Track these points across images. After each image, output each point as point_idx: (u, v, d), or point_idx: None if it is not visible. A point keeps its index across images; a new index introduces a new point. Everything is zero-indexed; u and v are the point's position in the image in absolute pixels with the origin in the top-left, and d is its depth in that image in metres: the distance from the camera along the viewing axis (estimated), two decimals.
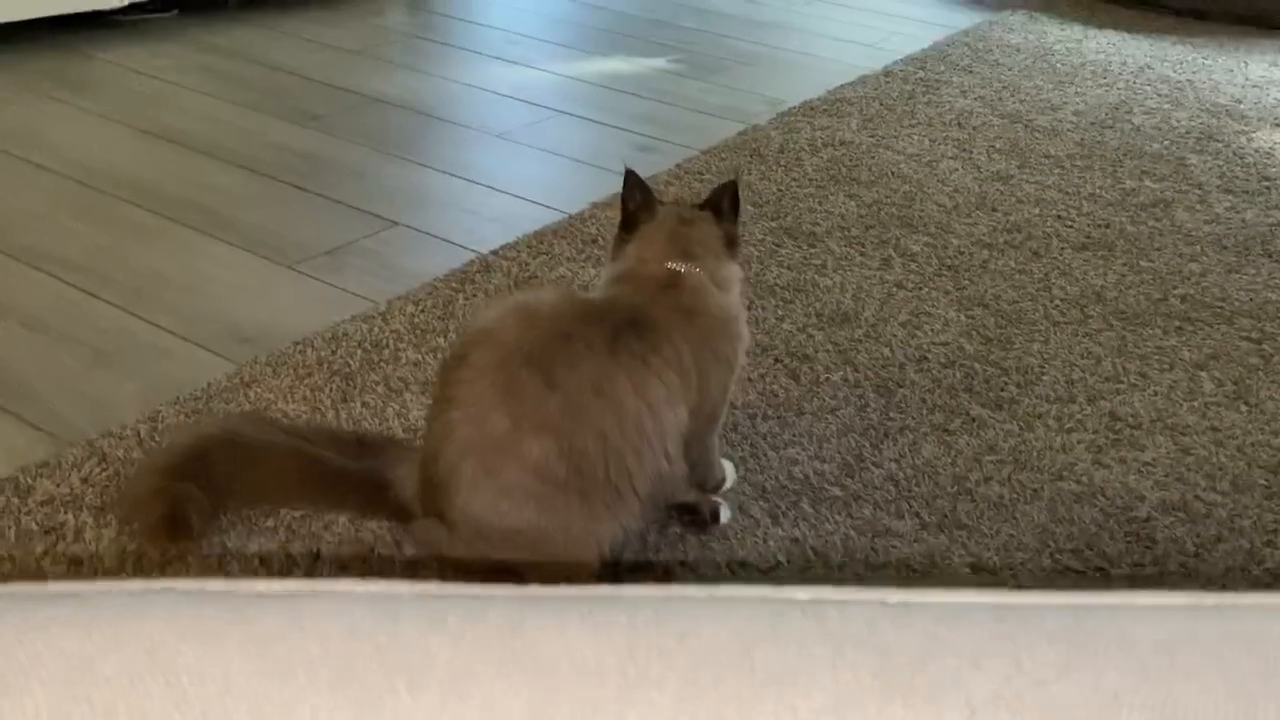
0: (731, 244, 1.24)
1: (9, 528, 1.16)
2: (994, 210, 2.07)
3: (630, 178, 1.22)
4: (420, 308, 1.60)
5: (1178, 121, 2.59)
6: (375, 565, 1.15)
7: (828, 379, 1.53)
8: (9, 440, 1.31)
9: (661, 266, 1.16)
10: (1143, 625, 0.47)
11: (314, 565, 1.14)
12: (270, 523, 1.18)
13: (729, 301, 1.19)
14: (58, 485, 1.21)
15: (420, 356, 1.49)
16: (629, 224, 1.22)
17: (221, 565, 1.13)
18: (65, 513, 1.18)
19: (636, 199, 1.22)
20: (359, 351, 1.49)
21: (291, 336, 1.53)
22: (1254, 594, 0.50)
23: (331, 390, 1.41)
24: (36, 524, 1.16)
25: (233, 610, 0.45)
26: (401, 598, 0.47)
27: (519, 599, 0.47)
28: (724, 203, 1.25)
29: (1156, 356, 1.63)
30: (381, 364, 1.47)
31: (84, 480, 1.23)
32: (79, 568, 1.12)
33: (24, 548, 1.13)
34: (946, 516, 1.28)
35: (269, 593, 0.47)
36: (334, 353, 1.49)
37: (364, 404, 1.39)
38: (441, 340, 1.53)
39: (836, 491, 1.31)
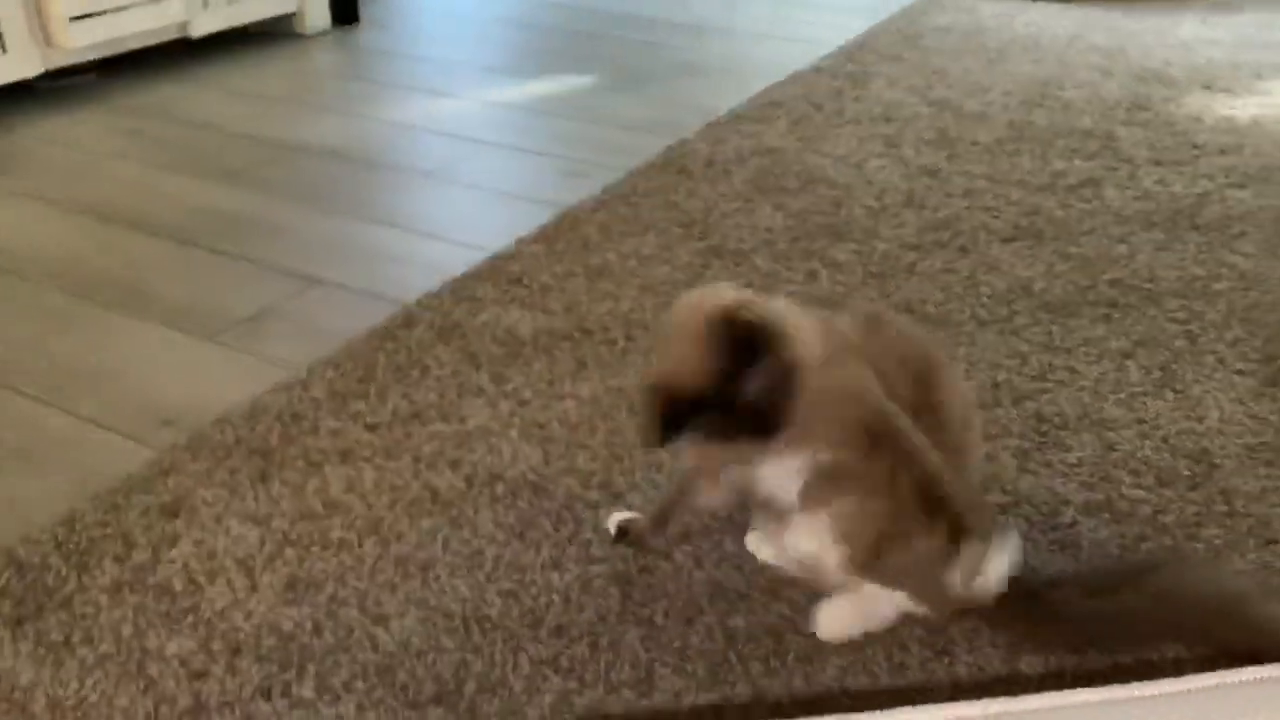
0: None
1: None
2: (921, 208, 2.06)
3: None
4: (340, 371, 1.59)
5: (1108, 93, 2.58)
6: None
7: None
8: None
9: None
10: None
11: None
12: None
13: None
14: None
15: (340, 424, 1.48)
16: None
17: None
18: None
19: None
20: (277, 425, 1.48)
21: (212, 414, 1.52)
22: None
23: (250, 470, 1.40)
24: None
25: None
26: None
27: None
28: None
29: (1084, 349, 1.62)
30: (301, 437, 1.46)
31: (1, 591, 1.21)
32: None
33: None
34: None
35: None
36: (252, 429, 1.48)
37: (283, 482, 1.38)
38: (362, 405, 1.52)
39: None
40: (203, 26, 2.94)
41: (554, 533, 1.29)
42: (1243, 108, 2.47)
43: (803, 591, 1.19)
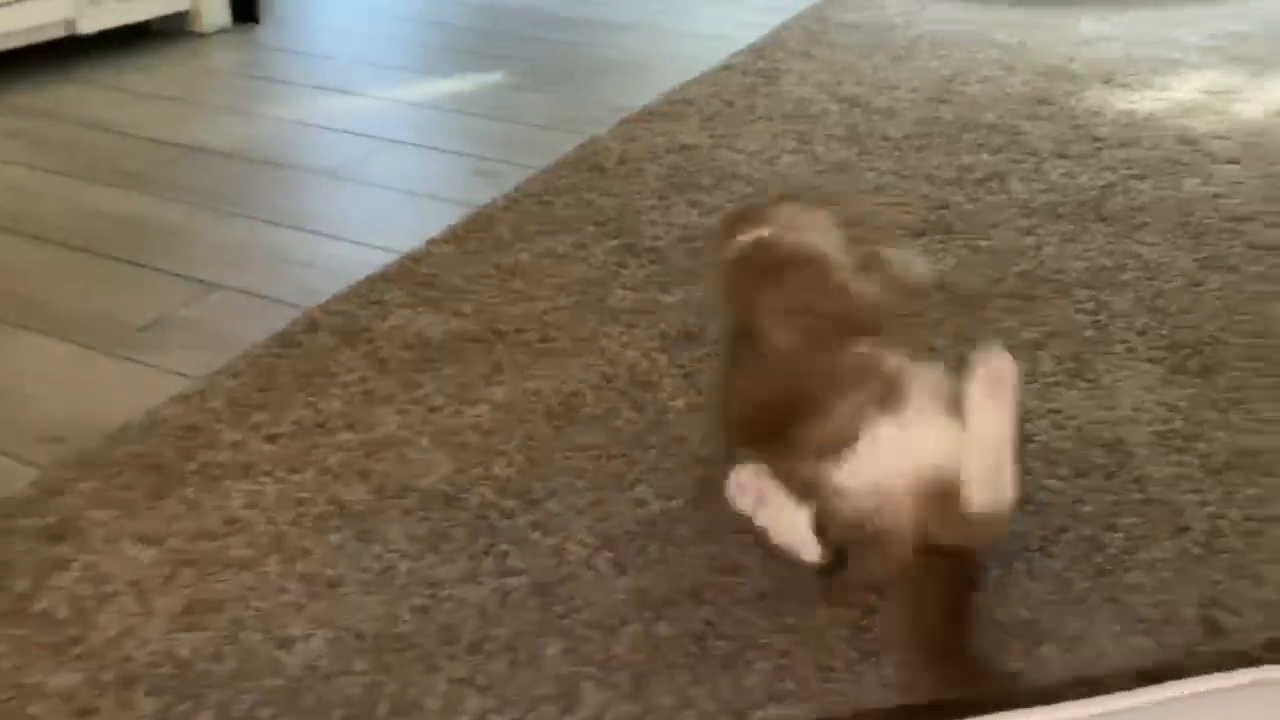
0: None
1: None
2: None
3: None
4: (240, 380, 1.52)
5: (1011, 88, 2.62)
6: None
7: (673, 405, 1.50)
8: None
9: None
10: None
11: None
12: None
13: None
14: None
15: (241, 436, 1.41)
16: None
17: None
18: None
19: None
20: (174, 439, 1.41)
21: (103, 429, 1.44)
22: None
23: (144, 488, 1.33)
24: None
25: None
26: None
27: None
28: None
29: (996, 340, 1.63)
30: (199, 450, 1.39)
31: None
32: None
33: None
34: None
35: None
36: (147, 444, 1.40)
37: (180, 499, 1.31)
38: (263, 415, 1.45)
39: (685, 530, 1.28)
40: (92, 24, 2.81)
41: (469, 544, 1.25)
42: (1141, 102, 2.53)
43: (729, 595, 1.17)
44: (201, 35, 3.08)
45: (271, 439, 1.41)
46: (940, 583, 1.06)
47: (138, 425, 1.43)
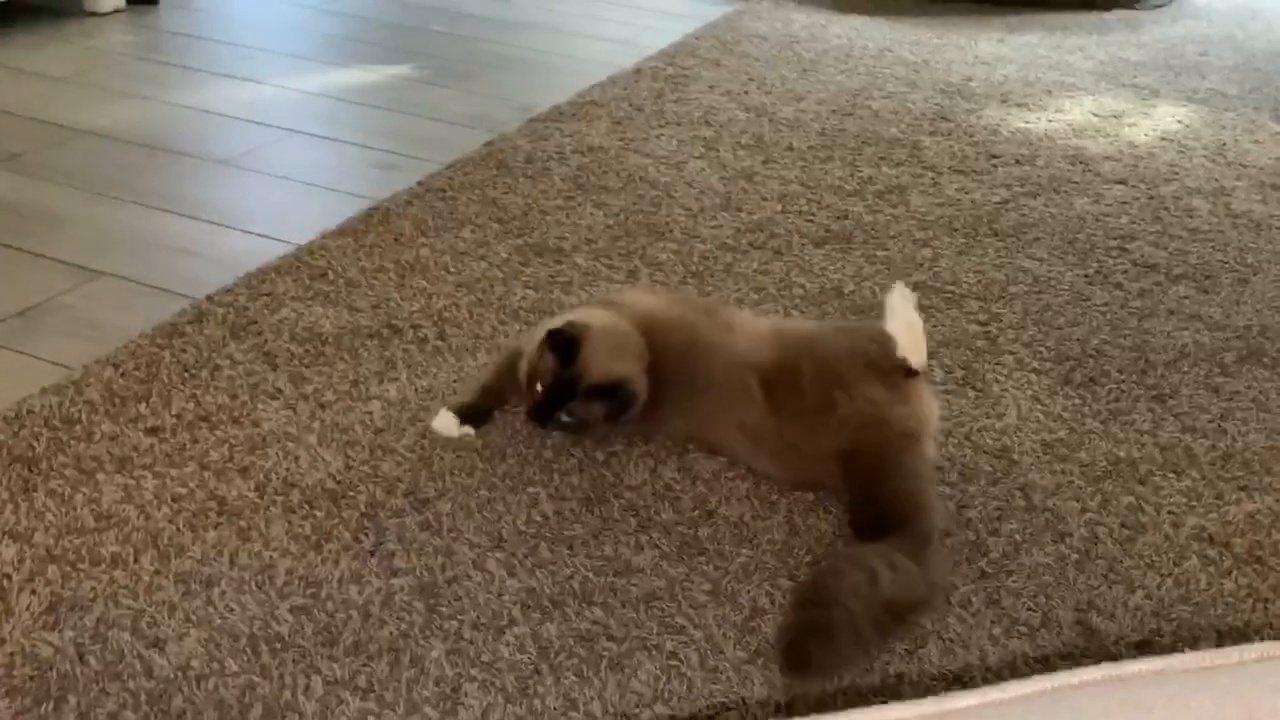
0: None
1: None
2: (738, 210, 2.07)
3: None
4: (120, 371, 1.46)
5: (913, 104, 2.68)
6: None
7: None
8: None
9: None
10: None
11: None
12: None
13: None
14: None
15: (118, 429, 1.36)
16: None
17: None
18: None
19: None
20: (46, 431, 1.34)
21: None
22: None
23: (11, 481, 1.26)
24: None
25: None
26: None
27: None
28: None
29: None
30: (72, 442, 1.33)
31: None
32: None
33: None
34: (687, 543, 1.25)
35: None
36: (16, 435, 1.33)
37: (49, 492, 1.25)
38: (143, 407, 1.40)
39: (577, 530, 1.27)
40: None
41: (354, 544, 1.21)
42: (1036, 121, 2.61)
43: (619, 596, 1.16)
44: (96, 15, 2.97)
45: (151, 431, 1.36)
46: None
47: (6, 416, 1.36)
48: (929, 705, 0.45)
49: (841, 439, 1.29)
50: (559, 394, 1.33)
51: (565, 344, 1.33)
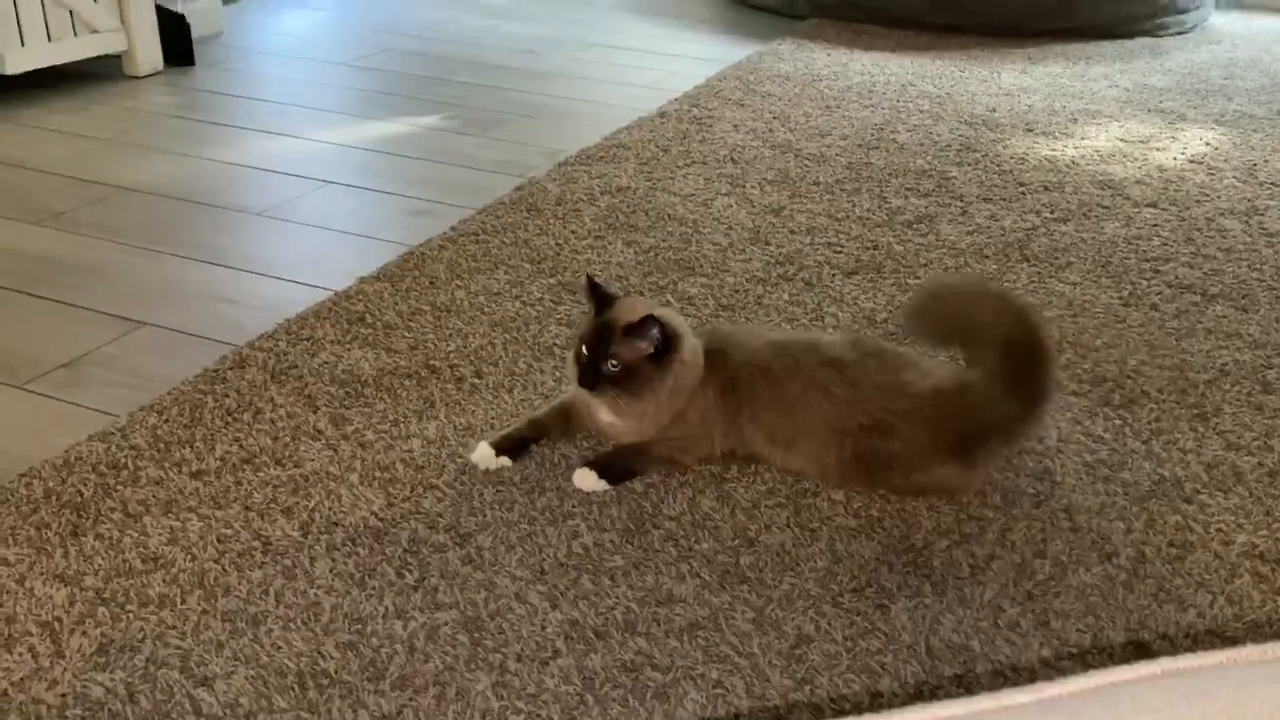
0: None
1: None
2: (767, 244, 2.09)
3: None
4: (164, 417, 1.49)
5: (939, 136, 2.69)
6: None
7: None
8: None
9: None
10: None
11: None
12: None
13: None
14: None
15: (163, 473, 1.38)
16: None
17: None
18: None
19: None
20: (93, 476, 1.37)
21: (19, 467, 1.39)
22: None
23: (60, 526, 1.28)
24: None
25: None
26: None
27: None
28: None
29: None
30: (119, 488, 1.35)
31: None
32: None
33: None
34: (729, 572, 1.25)
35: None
36: (64, 481, 1.35)
37: (98, 536, 1.27)
38: (187, 451, 1.42)
39: (618, 560, 1.27)
40: (18, 64, 2.77)
41: (397, 580, 1.22)
42: (1062, 149, 2.61)
43: (662, 626, 1.15)
44: (135, 78, 3.05)
45: (196, 475, 1.38)
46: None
47: (55, 463, 1.39)
48: (985, 701, 0.45)
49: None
50: (600, 340, 1.36)
51: (600, 289, 1.39)
